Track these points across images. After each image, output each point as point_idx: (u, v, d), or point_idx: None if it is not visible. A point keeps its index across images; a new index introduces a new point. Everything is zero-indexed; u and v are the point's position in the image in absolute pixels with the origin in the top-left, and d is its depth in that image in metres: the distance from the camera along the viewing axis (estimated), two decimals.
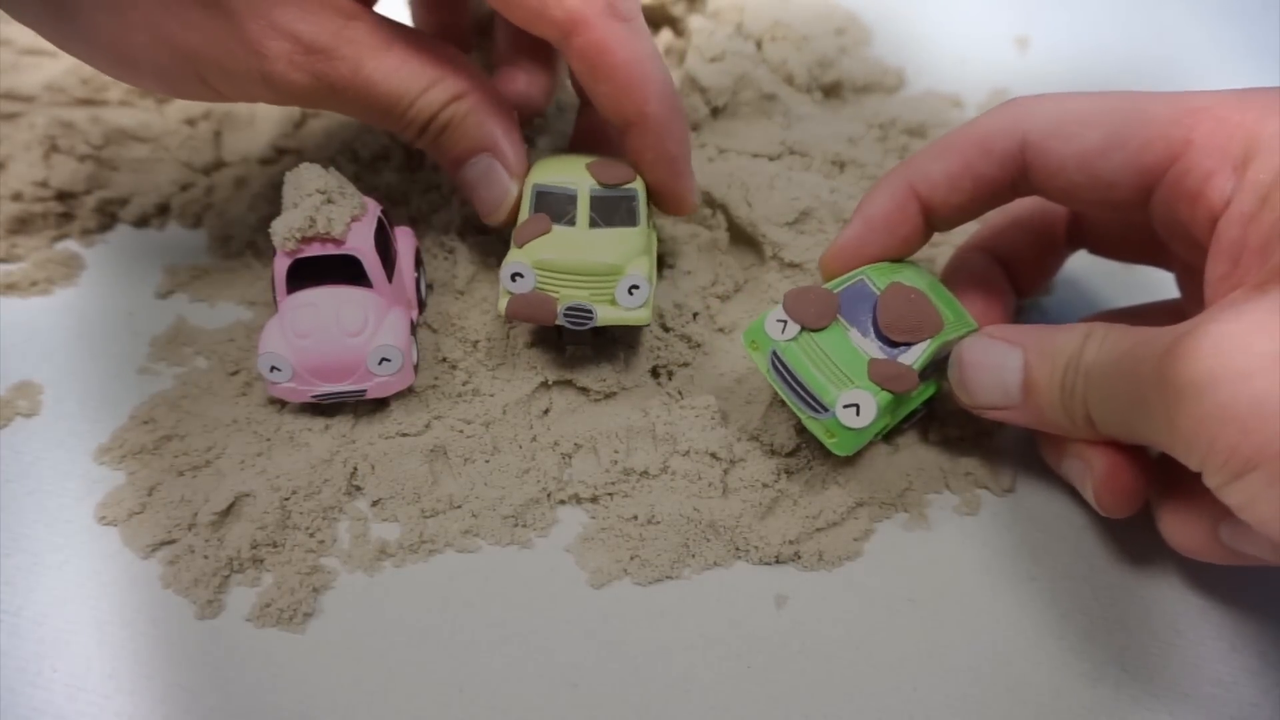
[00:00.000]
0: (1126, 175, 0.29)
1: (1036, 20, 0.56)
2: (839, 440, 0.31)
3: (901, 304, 0.31)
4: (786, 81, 0.48)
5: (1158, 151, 0.28)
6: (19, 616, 0.30)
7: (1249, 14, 0.57)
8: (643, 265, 0.34)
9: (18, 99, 0.45)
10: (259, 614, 0.30)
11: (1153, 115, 0.29)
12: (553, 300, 0.33)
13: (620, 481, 0.34)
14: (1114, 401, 0.28)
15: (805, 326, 0.32)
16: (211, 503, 0.32)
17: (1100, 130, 0.29)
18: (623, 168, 0.35)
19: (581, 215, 0.34)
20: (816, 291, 0.32)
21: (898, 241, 0.33)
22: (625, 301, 0.33)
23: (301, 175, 0.33)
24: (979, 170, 0.32)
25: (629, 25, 0.32)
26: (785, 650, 0.30)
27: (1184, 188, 0.28)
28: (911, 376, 0.30)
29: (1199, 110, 0.28)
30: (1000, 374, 0.30)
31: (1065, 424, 0.30)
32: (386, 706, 0.29)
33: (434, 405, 0.35)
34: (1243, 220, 0.27)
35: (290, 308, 0.33)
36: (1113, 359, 0.27)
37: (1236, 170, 0.27)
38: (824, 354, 0.31)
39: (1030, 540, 0.33)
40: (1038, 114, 0.31)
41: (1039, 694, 0.30)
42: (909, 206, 0.33)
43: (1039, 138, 0.30)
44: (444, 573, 0.32)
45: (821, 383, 0.31)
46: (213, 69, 0.31)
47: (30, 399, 0.36)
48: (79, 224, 0.41)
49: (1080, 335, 0.29)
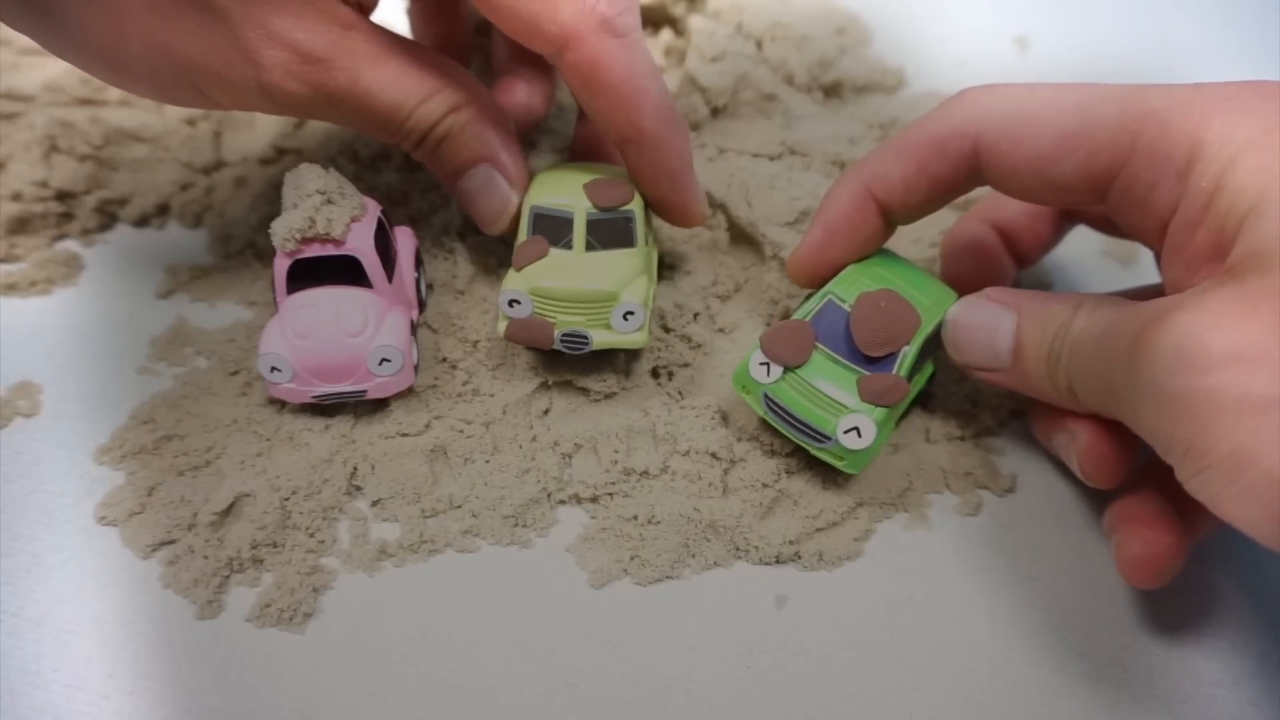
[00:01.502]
0: (1078, 180, 0.29)
1: (1036, 20, 0.56)
2: (849, 462, 0.32)
3: (873, 317, 0.32)
4: (786, 81, 0.48)
5: (1105, 158, 0.28)
6: (19, 616, 0.30)
7: (1249, 14, 0.57)
8: (639, 289, 0.34)
9: (18, 99, 0.45)
10: (259, 614, 0.30)
11: (1100, 119, 0.28)
12: (550, 325, 0.34)
13: (620, 481, 0.34)
14: (1093, 377, 0.28)
15: (787, 366, 0.32)
16: (211, 503, 0.32)
17: (1049, 134, 0.29)
18: (621, 187, 0.35)
19: (578, 239, 0.34)
20: (790, 328, 0.32)
21: (859, 243, 0.34)
22: (620, 326, 0.34)
23: (301, 176, 0.33)
24: (934, 171, 0.32)
25: (624, 41, 0.31)
26: (785, 650, 0.30)
27: (1132, 195, 0.28)
28: (902, 386, 0.31)
29: (1145, 115, 0.27)
30: (992, 336, 0.31)
31: (1050, 392, 0.30)
32: (386, 706, 0.29)
33: (434, 405, 0.35)
34: (1189, 228, 0.27)
35: (290, 308, 0.33)
36: (1095, 333, 0.28)
37: (1180, 177, 0.27)
38: (812, 387, 0.32)
39: (1030, 540, 0.33)
40: (989, 112, 0.30)
41: (1039, 694, 0.30)
42: (867, 208, 0.33)
43: (990, 140, 0.30)
44: (444, 573, 0.32)
45: (819, 415, 0.31)
46: (208, 78, 0.31)
47: (30, 399, 0.36)
48: (79, 224, 0.41)
49: (1072, 305, 0.29)
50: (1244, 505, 0.23)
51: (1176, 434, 0.24)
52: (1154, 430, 0.25)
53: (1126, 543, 0.30)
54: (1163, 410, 0.24)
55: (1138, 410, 0.26)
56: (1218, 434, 0.23)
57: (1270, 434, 0.22)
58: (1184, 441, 0.24)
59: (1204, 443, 0.23)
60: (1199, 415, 0.23)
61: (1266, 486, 0.22)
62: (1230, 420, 0.23)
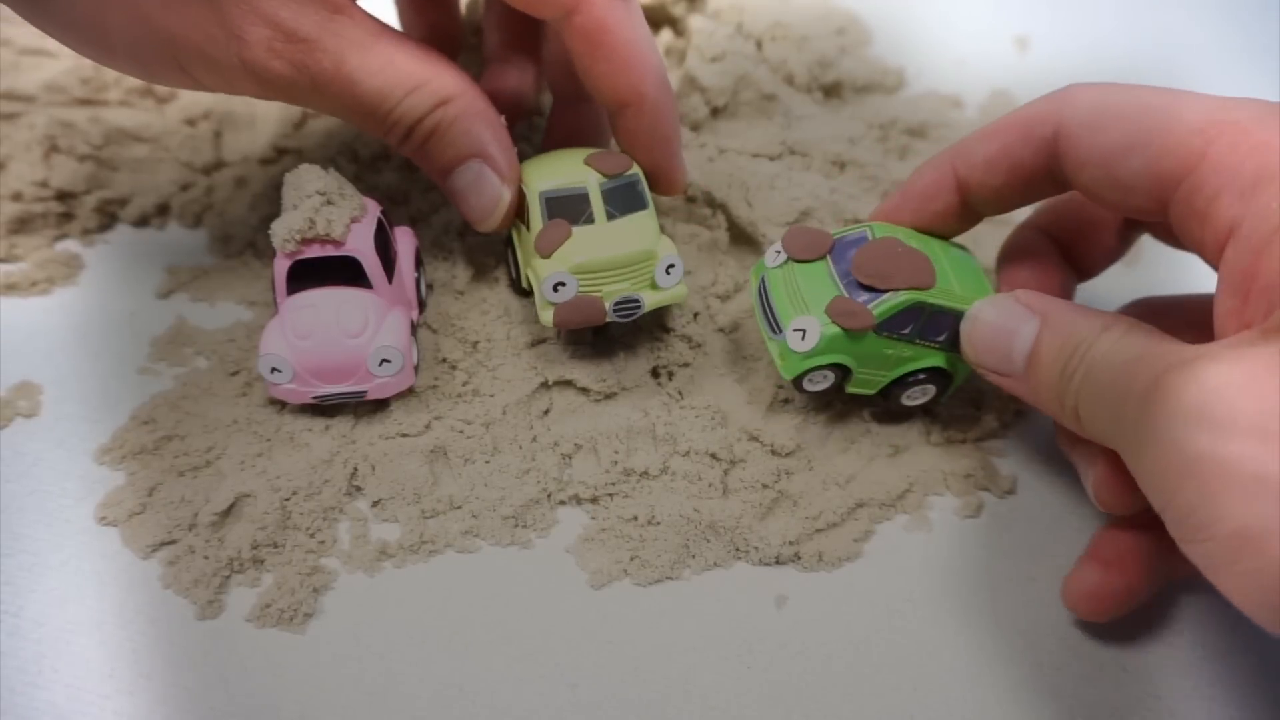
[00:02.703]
0: (1143, 181, 0.27)
1: (1036, 20, 0.56)
2: (786, 363, 0.33)
3: (881, 253, 0.32)
4: (786, 81, 0.48)
5: (1174, 160, 0.26)
6: (19, 616, 0.30)
7: (1249, 14, 0.57)
8: (669, 243, 0.35)
9: (18, 99, 0.44)
10: (259, 614, 0.30)
11: (1179, 120, 0.26)
12: (599, 299, 0.34)
13: (620, 482, 0.34)
14: (1102, 406, 0.26)
15: (791, 257, 0.33)
16: (212, 503, 0.32)
17: (1126, 128, 0.27)
18: (618, 157, 0.35)
19: (598, 211, 0.34)
20: (813, 231, 0.34)
21: (930, 214, 0.34)
22: (664, 282, 0.34)
23: (301, 176, 0.33)
24: (1016, 155, 0.31)
25: (627, 6, 0.32)
26: (785, 651, 0.31)
27: (1193, 205, 0.26)
28: (866, 316, 0.31)
29: (1224, 123, 0.26)
30: (1010, 338, 0.29)
31: (1055, 409, 0.29)
32: (386, 707, 0.29)
33: (434, 406, 0.35)
34: (1252, 251, 0.24)
35: (291, 309, 0.33)
36: (1116, 362, 0.26)
37: (1245, 194, 0.25)
38: (798, 284, 0.33)
39: (1030, 541, 0.34)
40: (1078, 102, 0.29)
41: (1039, 694, 0.30)
42: (945, 183, 0.33)
43: (1072, 127, 0.29)
44: (444, 573, 0.32)
45: (785, 307, 0.33)
46: (190, 53, 0.31)
47: (30, 399, 0.36)
48: (79, 224, 0.41)
49: (1100, 324, 0.27)
50: (1244, 588, 0.22)
51: (1180, 495, 0.22)
52: (1154, 482, 0.24)
53: (1081, 574, 0.30)
54: (1170, 466, 0.23)
55: (1142, 456, 0.24)
56: (1225, 509, 0.21)
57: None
58: (1186, 505, 0.22)
59: (1208, 514, 0.22)
60: (1208, 483, 0.21)
61: (1271, 575, 0.21)
62: (1241, 497, 0.21)
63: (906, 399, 0.35)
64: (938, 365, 0.34)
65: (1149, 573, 0.30)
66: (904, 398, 0.35)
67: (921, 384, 0.34)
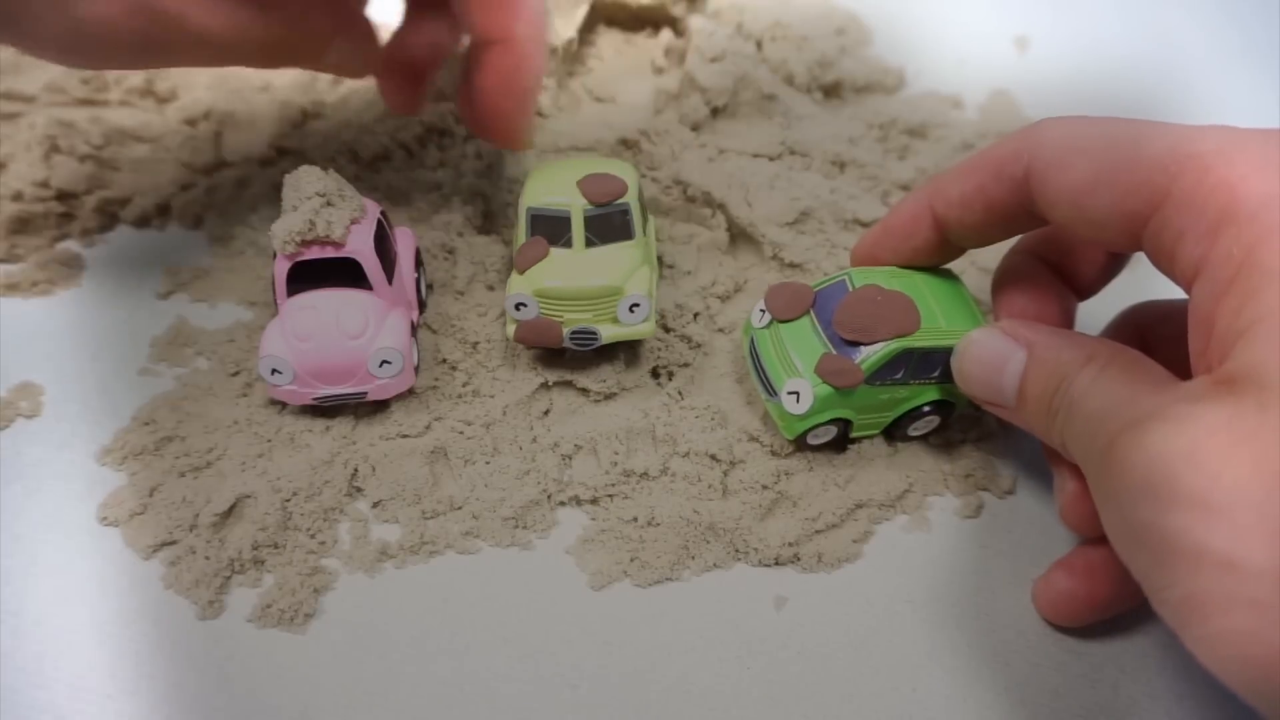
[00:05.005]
0: (1113, 219, 0.27)
1: (1036, 20, 0.56)
2: (784, 424, 0.33)
3: (861, 305, 0.32)
4: (786, 81, 0.48)
5: (1140, 198, 0.26)
6: (20, 617, 0.30)
7: (1249, 14, 0.57)
8: (642, 280, 0.34)
9: (18, 99, 0.45)
10: (260, 615, 0.30)
11: (1145, 155, 0.26)
12: (558, 325, 0.34)
13: (620, 483, 0.34)
14: (1078, 449, 0.26)
15: (775, 318, 0.34)
16: (213, 504, 0.32)
17: (1092, 164, 0.27)
18: (614, 181, 0.35)
19: (577, 237, 0.34)
20: (793, 287, 0.34)
21: (909, 250, 0.34)
22: (627, 319, 0.34)
23: (301, 178, 0.33)
24: (991, 193, 0.30)
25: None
26: (785, 651, 0.31)
27: (1162, 242, 0.26)
28: (855, 373, 0.32)
29: (1189, 157, 0.25)
30: (999, 373, 0.29)
31: (1049, 440, 0.28)
32: (386, 706, 0.29)
33: (434, 406, 0.36)
34: (1213, 297, 0.24)
35: (291, 310, 0.33)
36: (1087, 409, 0.26)
37: (1208, 235, 0.24)
38: (785, 344, 0.33)
39: (1030, 541, 0.34)
40: (1047, 138, 0.28)
41: (1039, 694, 0.30)
42: (923, 219, 0.33)
43: (1041, 165, 0.28)
44: (444, 574, 0.32)
45: (777, 369, 0.33)
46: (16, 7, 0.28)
47: (31, 400, 0.36)
48: (79, 224, 0.41)
49: (1083, 356, 0.27)
50: (1199, 651, 0.22)
51: (1136, 558, 0.23)
52: (1114, 539, 0.24)
53: (1049, 579, 0.31)
54: (1124, 531, 0.23)
55: (1104, 512, 0.24)
56: (1172, 577, 0.22)
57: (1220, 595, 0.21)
58: (1142, 568, 0.23)
59: (1159, 579, 0.22)
60: (1154, 551, 0.22)
61: (1218, 644, 0.21)
62: (1186, 568, 0.21)
63: (912, 431, 0.35)
64: (937, 399, 0.34)
65: (1120, 587, 0.30)
66: (910, 430, 0.35)
67: (925, 416, 0.34)
